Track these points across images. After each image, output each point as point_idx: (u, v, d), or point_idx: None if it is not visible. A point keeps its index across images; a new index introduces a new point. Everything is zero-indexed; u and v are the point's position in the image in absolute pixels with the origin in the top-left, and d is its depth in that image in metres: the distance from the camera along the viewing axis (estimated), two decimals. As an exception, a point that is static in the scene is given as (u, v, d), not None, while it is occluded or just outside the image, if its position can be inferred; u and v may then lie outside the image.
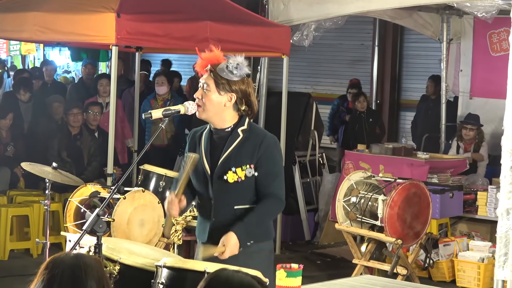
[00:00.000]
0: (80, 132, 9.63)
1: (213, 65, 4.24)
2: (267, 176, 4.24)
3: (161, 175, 7.23)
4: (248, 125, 4.29)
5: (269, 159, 4.24)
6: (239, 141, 4.24)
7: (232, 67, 4.20)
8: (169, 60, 14.24)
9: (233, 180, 4.21)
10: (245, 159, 4.22)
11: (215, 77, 4.22)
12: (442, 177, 9.33)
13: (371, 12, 9.69)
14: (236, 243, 4.14)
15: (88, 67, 12.43)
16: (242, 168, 4.21)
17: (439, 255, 8.43)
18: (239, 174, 4.21)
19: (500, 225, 6.30)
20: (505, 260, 6.25)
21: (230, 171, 4.21)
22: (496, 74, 9.84)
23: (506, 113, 6.30)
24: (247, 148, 4.24)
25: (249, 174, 4.21)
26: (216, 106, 4.23)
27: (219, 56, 4.27)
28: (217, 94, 4.22)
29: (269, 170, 4.24)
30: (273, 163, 4.26)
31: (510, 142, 6.21)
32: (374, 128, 11.75)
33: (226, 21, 8.55)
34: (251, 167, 4.21)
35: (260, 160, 4.23)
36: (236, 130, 4.26)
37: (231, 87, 4.22)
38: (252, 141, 4.24)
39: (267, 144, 4.25)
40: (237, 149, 4.24)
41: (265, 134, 4.31)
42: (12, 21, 8.45)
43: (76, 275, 2.73)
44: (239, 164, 4.21)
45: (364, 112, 11.75)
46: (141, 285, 4.15)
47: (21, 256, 8.96)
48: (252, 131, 4.29)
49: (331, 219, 9.78)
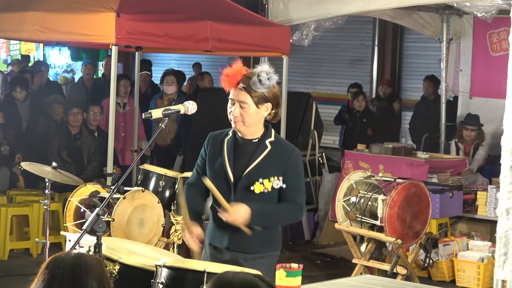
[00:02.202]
0: (80, 131, 9.63)
1: (243, 81, 4.25)
2: (292, 190, 4.33)
3: (161, 174, 7.23)
4: (275, 137, 4.36)
5: (294, 174, 4.33)
6: (267, 152, 4.30)
7: (264, 78, 4.22)
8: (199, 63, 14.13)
9: (260, 191, 4.26)
10: (273, 170, 4.28)
11: (249, 92, 4.25)
12: (442, 177, 9.33)
13: (371, 12, 9.69)
14: (246, 217, 4.18)
15: (88, 66, 12.43)
16: (269, 180, 4.27)
17: (439, 255, 8.43)
18: (266, 186, 4.26)
19: (500, 225, 6.30)
20: (504, 260, 6.25)
21: (257, 182, 4.25)
22: (496, 74, 9.84)
23: (506, 113, 6.30)
24: (275, 160, 4.29)
25: (277, 186, 4.28)
26: (256, 119, 4.29)
27: (243, 70, 4.29)
28: (255, 108, 4.27)
29: (294, 184, 4.33)
30: (297, 178, 4.36)
31: (510, 142, 6.21)
32: (365, 128, 11.78)
33: (226, 21, 8.55)
34: (279, 179, 4.28)
35: (286, 173, 4.29)
36: (263, 142, 4.32)
37: (267, 98, 4.28)
38: (279, 154, 4.31)
39: (295, 158, 4.34)
40: (264, 161, 4.29)
41: (293, 148, 4.40)
42: (12, 21, 8.45)
43: (76, 275, 2.73)
44: (266, 175, 4.26)
45: (360, 111, 11.78)
46: (141, 284, 4.15)
47: (21, 256, 8.96)
48: (279, 143, 4.36)
49: (331, 219, 9.78)
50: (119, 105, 10.31)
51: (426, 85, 11.83)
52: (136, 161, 5.23)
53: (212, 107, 9.88)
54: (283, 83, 9.35)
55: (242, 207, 4.18)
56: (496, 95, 9.81)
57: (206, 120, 9.79)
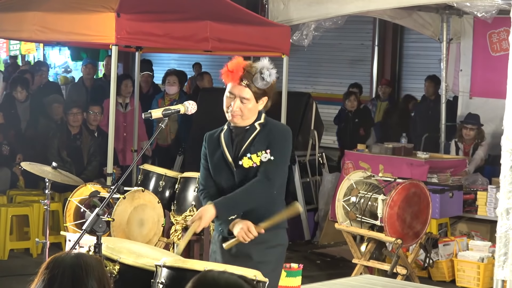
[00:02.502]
0: (80, 131, 9.63)
1: (245, 78, 4.36)
2: (268, 161, 4.39)
3: (161, 174, 7.23)
4: (264, 119, 4.48)
5: (276, 147, 4.40)
6: (256, 132, 4.43)
7: (267, 75, 4.36)
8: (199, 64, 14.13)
9: (248, 166, 4.38)
10: (261, 146, 4.40)
11: (251, 89, 4.37)
12: (442, 177, 9.33)
13: (371, 12, 9.69)
14: (212, 216, 4.34)
15: (88, 66, 12.43)
16: (257, 154, 4.38)
17: (438, 254, 8.43)
18: (254, 160, 4.38)
19: (500, 224, 6.30)
20: (504, 260, 6.25)
21: (245, 157, 4.38)
22: (496, 74, 9.84)
23: (506, 113, 6.30)
24: (262, 137, 4.42)
25: (265, 159, 4.38)
26: (253, 112, 4.43)
27: (242, 63, 4.41)
28: (255, 103, 4.41)
29: (273, 155, 4.39)
30: (279, 151, 4.41)
31: (510, 142, 6.21)
32: (358, 128, 11.80)
33: (226, 21, 8.55)
34: (267, 152, 4.38)
35: (270, 146, 4.40)
36: (253, 124, 4.45)
37: (265, 92, 4.43)
38: (267, 131, 4.44)
39: (277, 132, 4.45)
40: (253, 140, 4.41)
41: (278, 125, 4.55)
42: (12, 21, 8.45)
43: (77, 275, 2.73)
44: (254, 151, 4.39)
45: (352, 111, 11.78)
46: (141, 284, 4.15)
47: (21, 256, 8.95)
48: (268, 123, 4.48)
49: (331, 219, 9.78)
50: (121, 105, 10.31)
51: (427, 85, 11.84)
52: (136, 161, 5.23)
53: (212, 107, 9.85)
54: (283, 83, 9.35)
55: (208, 210, 4.35)
56: (496, 95, 9.81)
57: (206, 120, 9.77)
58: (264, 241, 4.37)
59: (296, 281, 4.93)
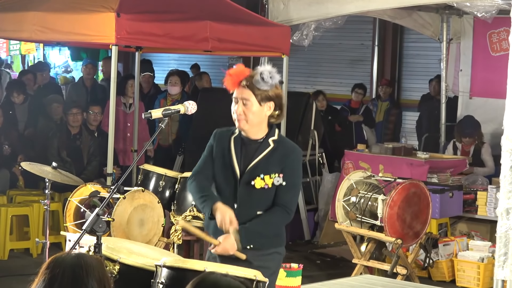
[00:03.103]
0: (79, 131, 9.63)
1: (246, 79, 4.34)
2: (285, 189, 4.36)
3: (161, 174, 7.23)
4: (278, 136, 4.43)
5: (292, 173, 4.37)
6: (270, 150, 4.37)
7: (267, 77, 4.31)
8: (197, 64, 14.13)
9: (260, 187, 4.33)
10: (274, 167, 4.34)
11: (252, 90, 4.33)
12: (442, 177, 9.33)
13: (371, 12, 9.69)
14: (233, 245, 4.28)
15: (88, 66, 12.43)
16: (270, 176, 4.34)
17: (438, 254, 8.43)
18: (266, 181, 4.33)
19: (500, 224, 6.30)
20: (504, 260, 6.25)
21: (258, 177, 4.33)
22: (496, 74, 9.84)
23: (506, 113, 6.30)
24: (276, 158, 4.36)
25: (277, 183, 4.34)
26: (259, 117, 4.37)
27: (246, 70, 4.38)
28: (258, 105, 4.35)
29: (290, 181, 4.36)
30: (293, 176, 4.39)
31: (510, 142, 6.21)
32: (333, 125, 11.82)
33: (226, 21, 8.55)
34: (280, 176, 4.34)
35: (284, 170, 4.35)
36: (267, 140, 4.39)
37: (270, 96, 4.36)
38: (281, 151, 4.38)
39: (294, 157, 4.41)
40: (266, 158, 4.36)
41: (295, 147, 4.48)
42: (12, 21, 8.44)
43: (77, 275, 2.73)
44: (267, 172, 4.33)
45: (323, 111, 11.81)
46: (141, 284, 4.15)
47: (21, 256, 8.95)
48: (282, 142, 4.43)
49: (331, 218, 9.78)
50: (125, 105, 10.30)
51: (434, 84, 11.85)
52: (136, 161, 5.23)
53: (212, 107, 9.89)
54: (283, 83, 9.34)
55: (230, 239, 4.28)
56: (496, 95, 9.81)
57: (206, 120, 9.79)
58: (262, 248, 4.36)
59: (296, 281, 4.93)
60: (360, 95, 12.60)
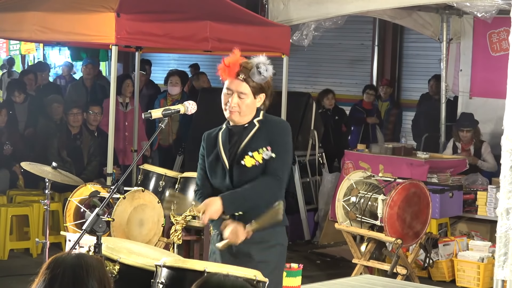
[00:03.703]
0: (80, 131, 9.64)
1: (243, 72, 4.33)
2: (275, 160, 4.33)
3: (161, 174, 7.23)
4: (263, 115, 4.42)
5: (277, 142, 4.35)
6: (256, 130, 4.37)
7: (263, 70, 4.32)
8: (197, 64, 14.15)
9: (251, 164, 4.31)
10: (261, 142, 4.33)
11: (249, 83, 4.33)
12: (441, 177, 9.33)
13: (371, 12, 9.69)
14: (218, 208, 4.23)
15: (88, 67, 12.43)
16: (259, 152, 4.31)
17: (438, 254, 8.43)
18: (256, 158, 4.31)
19: (500, 224, 6.30)
20: (504, 260, 6.25)
21: (247, 155, 4.31)
22: (495, 74, 9.84)
23: (506, 113, 6.30)
24: (262, 134, 4.36)
25: (267, 156, 4.31)
26: (251, 108, 4.38)
27: (241, 59, 4.37)
28: (253, 98, 4.35)
29: (276, 152, 4.33)
30: (280, 147, 4.35)
31: (510, 142, 6.21)
32: (339, 125, 11.80)
33: (226, 20, 8.55)
34: (268, 149, 4.32)
35: (272, 143, 4.33)
36: (252, 121, 4.39)
37: (263, 88, 4.38)
38: (267, 127, 4.37)
39: (278, 128, 4.39)
40: (253, 137, 4.35)
41: (281, 121, 4.51)
42: (12, 21, 8.44)
43: (77, 275, 2.73)
44: (255, 148, 4.32)
45: (330, 110, 11.78)
46: (141, 284, 4.15)
47: (21, 256, 8.96)
48: (267, 119, 4.43)
49: (331, 218, 9.78)
50: (122, 104, 10.31)
51: (432, 84, 11.85)
52: (136, 161, 5.23)
53: (212, 107, 9.86)
54: (283, 83, 9.35)
55: (214, 202, 4.23)
56: (496, 95, 9.81)
57: (206, 120, 9.77)
58: (263, 240, 4.30)
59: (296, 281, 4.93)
60: (371, 96, 12.56)
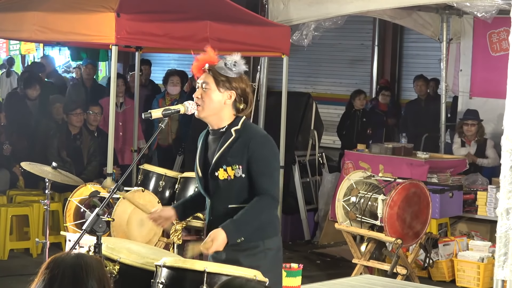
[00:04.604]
0: (80, 131, 9.64)
1: (210, 65, 4.28)
2: (259, 176, 4.23)
3: (161, 174, 7.23)
4: (242, 125, 4.29)
5: (258, 160, 4.23)
6: (231, 141, 4.25)
7: (230, 64, 4.23)
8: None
9: (223, 178, 4.23)
10: (235, 159, 4.23)
11: (214, 75, 4.25)
12: (441, 177, 9.33)
13: (371, 12, 9.69)
14: (224, 239, 4.13)
15: (88, 67, 12.43)
16: (232, 168, 4.23)
17: (438, 254, 8.43)
18: (229, 173, 4.23)
19: (500, 224, 6.30)
20: (504, 260, 6.25)
21: (221, 168, 4.24)
22: (495, 74, 9.85)
23: (506, 113, 6.30)
24: (237, 148, 4.24)
25: (237, 175, 4.22)
26: (216, 104, 4.26)
27: (214, 57, 4.31)
28: (217, 92, 4.25)
29: (260, 170, 4.23)
30: (263, 163, 4.24)
31: (510, 142, 6.21)
32: (365, 128, 11.77)
33: (226, 20, 8.55)
34: (240, 167, 4.22)
35: (249, 161, 4.22)
36: (229, 130, 4.28)
37: (231, 84, 4.26)
38: (242, 141, 4.25)
39: (255, 144, 4.24)
40: (228, 149, 4.25)
41: (255, 134, 4.30)
42: (12, 21, 8.44)
43: (77, 275, 2.73)
44: (229, 163, 4.23)
45: (360, 110, 11.77)
46: (141, 284, 4.15)
47: (21, 256, 8.96)
48: (245, 130, 4.28)
49: (330, 219, 9.78)
50: (116, 104, 10.28)
51: (420, 84, 11.88)
52: (136, 161, 5.23)
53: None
54: (283, 83, 9.35)
55: (219, 233, 4.14)
56: (496, 95, 9.82)
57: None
58: (249, 247, 4.23)
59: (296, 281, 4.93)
60: (387, 97, 12.53)
